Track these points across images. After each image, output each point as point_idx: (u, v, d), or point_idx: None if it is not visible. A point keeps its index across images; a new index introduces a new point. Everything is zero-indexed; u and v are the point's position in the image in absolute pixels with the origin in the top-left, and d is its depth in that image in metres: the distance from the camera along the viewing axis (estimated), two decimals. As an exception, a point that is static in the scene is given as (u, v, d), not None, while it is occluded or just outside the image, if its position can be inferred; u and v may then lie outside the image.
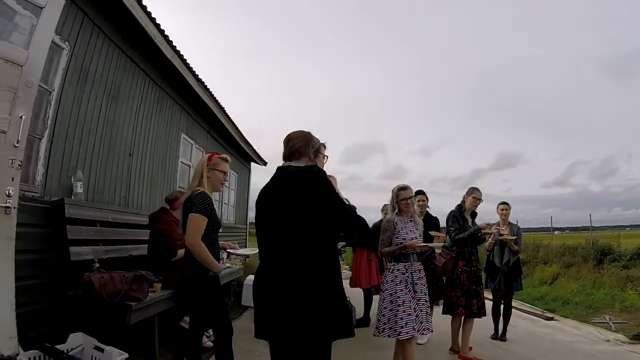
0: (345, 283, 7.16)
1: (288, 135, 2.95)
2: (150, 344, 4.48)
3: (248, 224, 15.71)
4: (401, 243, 4.47)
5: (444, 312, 5.78)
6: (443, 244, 4.99)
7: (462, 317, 5.53)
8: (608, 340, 7.09)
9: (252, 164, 16.08)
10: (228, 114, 10.77)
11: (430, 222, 6.23)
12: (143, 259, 5.34)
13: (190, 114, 9.28)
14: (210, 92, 9.11)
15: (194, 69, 8.00)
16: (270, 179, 2.92)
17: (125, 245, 5.53)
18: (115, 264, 4.97)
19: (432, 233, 5.05)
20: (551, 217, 21.46)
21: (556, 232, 28.54)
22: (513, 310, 7.73)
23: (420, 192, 6.69)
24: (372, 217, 7.07)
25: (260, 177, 17.07)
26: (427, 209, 6.70)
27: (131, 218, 5.97)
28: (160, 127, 7.73)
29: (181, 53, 7.31)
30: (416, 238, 4.55)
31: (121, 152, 6.33)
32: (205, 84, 8.74)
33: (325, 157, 3.06)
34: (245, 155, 14.65)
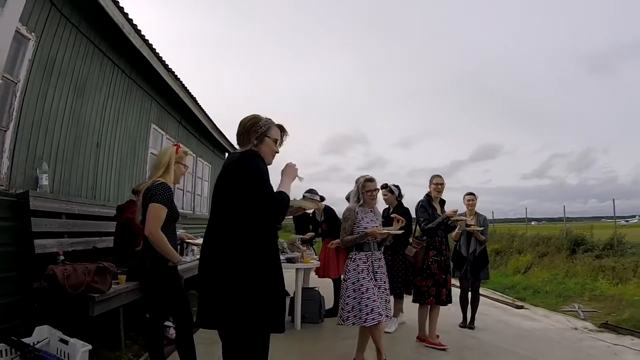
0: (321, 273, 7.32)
1: (240, 122, 2.99)
2: (116, 336, 4.58)
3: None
4: (362, 231, 4.64)
5: (413, 301, 5.95)
6: (402, 228, 5.15)
7: (429, 306, 5.71)
8: (576, 329, 7.37)
9: (227, 154, 15.93)
10: (200, 104, 10.81)
11: (402, 213, 6.44)
12: (110, 251, 5.40)
13: (161, 104, 9.31)
14: (181, 82, 9.14)
15: (163, 59, 8.03)
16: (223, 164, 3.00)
17: (91, 237, 5.60)
18: (81, 257, 5.00)
19: (392, 215, 5.25)
20: (526, 208, 22.07)
21: (533, 223, 29.34)
22: (484, 298, 7.98)
23: (383, 187, 6.94)
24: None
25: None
26: (400, 200, 6.93)
27: (98, 210, 6.03)
28: (129, 118, 7.77)
29: (150, 42, 7.34)
30: (376, 227, 4.72)
31: (88, 143, 6.36)
32: (176, 73, 8.77)
33: (275, 141, 3.00)
34: (219, 146, 14.67)
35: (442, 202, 6.05)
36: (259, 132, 2.90)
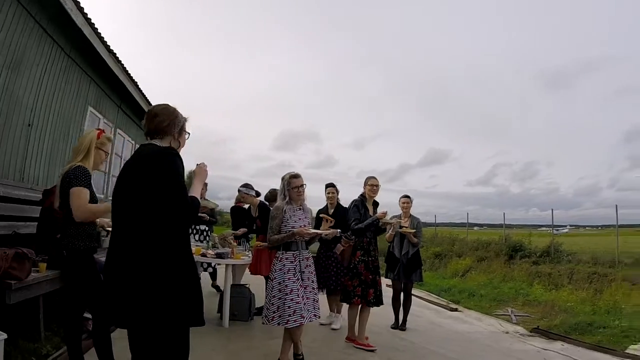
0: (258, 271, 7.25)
1: (153, 110, 2.85)
2: (36, 327, 4.47)
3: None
4: (290, 231, 4.65)
5: (341, 300, 6.08)
6: (331, 228, 5.20)
7: (359, 306, 5.78)
8: (507, 332, 7.66)
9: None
10: (142, 89, 10.62)
11: (342, 212, 6.56)
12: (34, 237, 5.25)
13: (101, 87, 9.10)
14: (122, 65, 8.95)
15: (105, 39, 7.85)
16: (132, 155, 2.86)
17: (16, 222, 5.40)
18: (3, 242, 4.85)
19: (321, 215, 5.28)
20: (467, 213, 22.92)
21: (476, 228, 30.52)
22: (419, 300, 8.10)
23: (330, 185, 7.04)
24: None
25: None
26: (339, 200, 7.02)
27: (24, 193, 5.84)
28: (65, 99, 7.56)
29: (93, 21, 7.16)
30: (305, 226, 4.74)
31: (19, 122, 6.17)
32: (118, 56, 8.58)
33: (188, 134, 2.98)
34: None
35: (376, 204, 6.16)
36: (179, 125, 2.86)
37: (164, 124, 2.78)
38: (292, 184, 4.78)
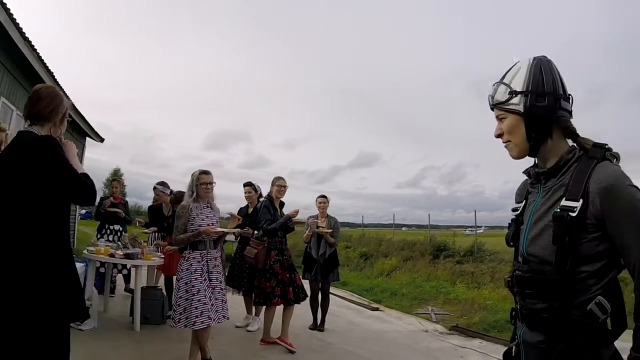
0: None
1: (37, 93, 2.65)
2: None
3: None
4: (196, 229, 4.60)
5: (258, 303, 6.06)
6: (239, 227, 5.16)
7: (280, 306, 5.77)
8: (426, 331, 7.77)
9: (88, 139, 15.10)
10: (59, 82, 10.06)
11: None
12: None
13: (15, 77, 8.65)
14: (37, 54, 8.52)
15: (20, 25, 7.46)
16: (9, 144, 2.70)
17: None
18: None
19: (229, 213, 5.23)
20: (394, 214, 23.70)
21: (404, 229, 31.47)
22: (340, 300, 8.03)
23: (247, 184, 7.01)
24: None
25: (96, 153, 16.27)
26: (260, 200, 6.97)
27: None
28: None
29: (8, 7, 6.82)
30: (213, 224, 4.70)
31: None
32: (33, 43, 8.17)
33: (68, 121, 2.81)
34: (78, 129, 13.75)
35: (282, 204, 6.21)
36: (63, 111, 2.69)
37: (47, 109, 2.61)
38: (201, 180, 4.74)
